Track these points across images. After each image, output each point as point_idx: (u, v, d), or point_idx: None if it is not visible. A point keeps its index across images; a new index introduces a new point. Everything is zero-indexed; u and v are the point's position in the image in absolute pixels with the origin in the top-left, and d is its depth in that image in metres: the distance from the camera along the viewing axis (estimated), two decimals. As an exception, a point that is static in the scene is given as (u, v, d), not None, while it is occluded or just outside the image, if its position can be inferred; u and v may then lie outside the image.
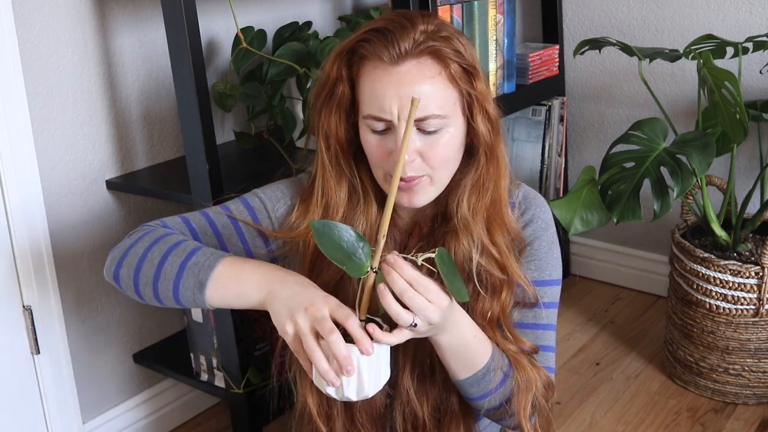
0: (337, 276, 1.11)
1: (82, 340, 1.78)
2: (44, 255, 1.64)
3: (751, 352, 1.93)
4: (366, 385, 0.93)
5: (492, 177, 1.10)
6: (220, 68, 1.93)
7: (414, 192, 1.06)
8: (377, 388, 0.95)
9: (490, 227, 1.11)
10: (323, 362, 0.90)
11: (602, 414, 1.96)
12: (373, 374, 0.93)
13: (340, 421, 1.14)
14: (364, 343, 0.90)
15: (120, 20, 1.74)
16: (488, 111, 1.07)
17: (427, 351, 1.11)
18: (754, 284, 1.86)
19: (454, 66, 1.03)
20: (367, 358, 0.91)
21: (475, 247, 1.09)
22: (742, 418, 1.93)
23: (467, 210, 1.09)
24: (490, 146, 1.08)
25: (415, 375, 1.13)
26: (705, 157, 1.67)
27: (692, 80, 2.25)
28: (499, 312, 1.12)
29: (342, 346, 0.89)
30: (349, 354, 0.90)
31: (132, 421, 1.90)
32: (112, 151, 1.77)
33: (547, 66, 2.35)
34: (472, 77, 1.05)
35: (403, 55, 1.01)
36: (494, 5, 2.09)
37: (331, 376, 0.90)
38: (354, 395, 0.93)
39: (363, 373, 0.92)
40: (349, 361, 0.89)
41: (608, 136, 2.46)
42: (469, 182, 1.10)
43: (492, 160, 1.09)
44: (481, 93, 1.06)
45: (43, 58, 1.62)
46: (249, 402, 1.68)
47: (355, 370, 0.91)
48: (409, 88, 1.00)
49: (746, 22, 2.15)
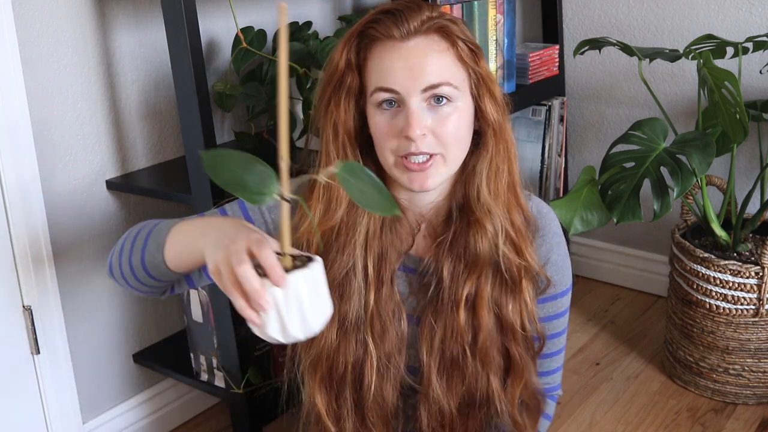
0: (343, 272, 1.11)
1: (82, 340, 1.78)
2: (44, 255, 1.64)
3: (751, 352, 1.93)
4: (309, 316, 0.85)
5: (504, 158, 1.10)
6: (220, 68, 1.93)
7: (427, 174, 1.05)
8: (319, 320, 0.86)
9: (509, 210, 1.12)
10: (239, 299, 0.83)
11: (602, 414, 1.96)
12: (314, 305, 0.85)
13: (350, 421, 1.14)
14: (273, 273, 0.81)
15: (120, 20, 1.74)
16: (494, 92, 1.09)
17: (456, 343, 1.11)
18: (754, 284, 1.86)
19: (461, 44, 1.05)
20: (285, 291, 0.83)
21: (501, 232, 1.10)
22: (742, 418, 1.93)
23: (488, 194, 1.10)
24: (498, 127, 1.09)
25: (441, 370, 1.13)
26: (705, 157, 1.68)
27: (692, 80, 2.25)
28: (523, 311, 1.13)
29: (252, 279, 0.82)
30: (260, 287, 0.82)
31: (132, 421, 1.90)
32: (112, 151, 1.77)
33: (547, 66, 2.35)
34: (478, 57, 1.07)
35: (412, 32, 1.03)
36: (494, 5, 2.09)
37: (248, 313, 0.83)
38: (299, 332, 0.85)
39: (281, 308, 0.83)
40: (261, 294, 0.82)
41: (608, 136, 2.46)
42: (485, 167, 1.10)
43: (501, 142, 1.10)
44: (486, 74, 1.08)
45: (43, 58, 1.62)
46: (249, 402, 1.68)
47: (271, 305, 0.83)
48: (418, 60, 1.02)
49: (746, 22, 2.15)
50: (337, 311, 1.10)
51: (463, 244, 1.10)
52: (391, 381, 1.13)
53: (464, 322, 1.10)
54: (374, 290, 1.11)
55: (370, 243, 1.10)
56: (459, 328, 1.10)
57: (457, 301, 1.10)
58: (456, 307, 1.10)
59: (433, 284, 1.12)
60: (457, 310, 1.10)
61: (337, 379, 1.13)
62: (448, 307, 1.11)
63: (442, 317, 1.11)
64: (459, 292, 1.10)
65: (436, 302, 1.12)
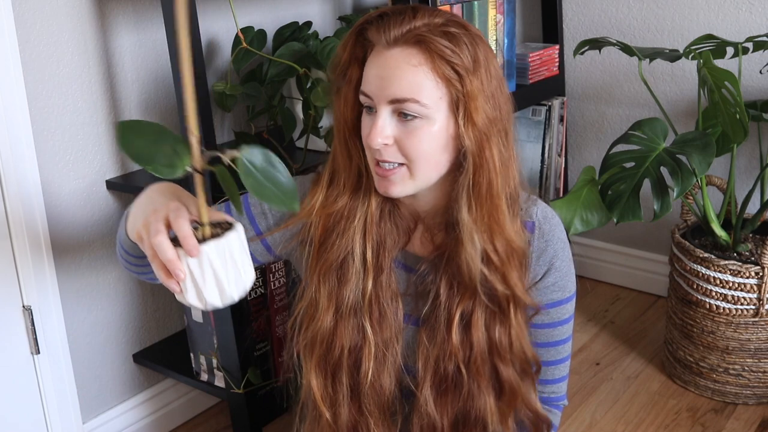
0: (341, 256, 1.11)
1: (82, 340, 1.78)
2: (44, 255, 1.64)
3: (751, 352, 1.93)
4: (225, 284, 0.87)
5: (483, 183, 1.05)
6: (220, 68, 1.93)
7: (390, 181, 1.05)
8: (234, 291, 0.89)
9: (492, 236, 1.08)
10: (158, 268, 0.88)
11: (602, 414, 1.96)
12: (212, 277, 0.87)
13: (345, 406, 1.14)
14: (185, 244, 0.85)
15: (120, 20, 1.74)
16: (473, 115, 1.02)
17: (450, 362, 1.11)
18: (754, 284, 1.86)
19: (440, 62, 1.00)
20: (199, 261, 0.86)
21: (482, 258, 1.07)
22: (742, 418, 1.93)
23: (468, 219, 1.06)
24: (476, 152, 1.03)
25: (435, 386, 1.13)
26: (705, 157, 1.67)
27: (692, 80, 2.25)
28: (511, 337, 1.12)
29: (166, 249, 0.85)
30: (174, 257, 0.86)
31: (132, 421, 1.90)
32: (112, 151, 1.77)
33: (547, 66, 2.35)
34: (462, 78, 1.01)
35: (391, 42, 1.01)
36: (494, 5, 2.09)
37: (168, 282, 0.88)
38: (216, 299, 0.88)
39: (197, 277, 0.87)
40: (175, 264, 0.85)
41: (608, 136, 2.46)
42: (463, 189, 1.06)
43: (481, 167, 1.04)
44: (470, 95, 1.01)
45: (43, 58, 1.62)
46: (249, 402, 1.68)
47: (186, 273, 0.86)
48: (390, 71, 1.01)
49: (746, 22, 2.15)
50: (335, 294, 1.12)
51: (456, 262, 1.09)
52: (389, 369, 1.13)
53: (457, 341, 1.10)
54: (372, 276, 1.11)
55: (369, 229, 1.11)
56: (453, 346, 1.10)
57: (450, 320, 1.10)
58: (449, 325, 1.10)
59: (430, 298, 1.12)
60: (450, 328, 1.10)
61: (334, 362, 1.13)
62: (443, 325, 1.11)
63: (438, 334, 1.11)
64: (453, 311, 1.10)
65: (432, 319, 1.12)
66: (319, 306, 1.12)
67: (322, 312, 1.12)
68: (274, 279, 1.71)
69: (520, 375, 1.15)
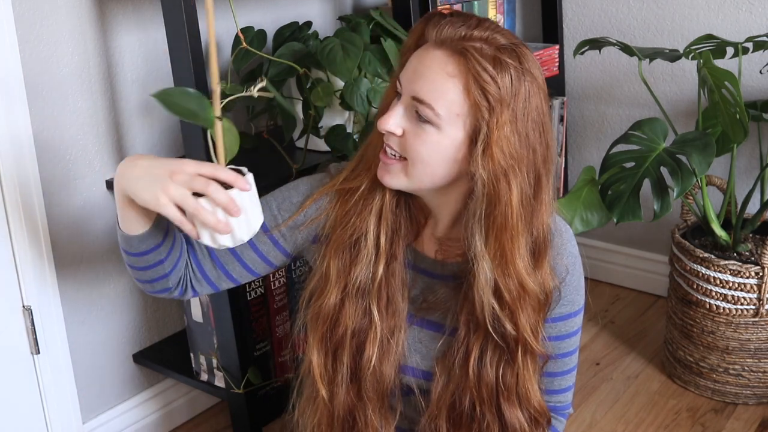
0: (355, 235, 1.11)
1: (82, 340, 1.78)
2: (44, 255, 1.64)
3: (751, 352, 1.93)
4: (252, 220, 1.00)
5: (497, 217, 1.01)
6: (220, 68, 1.93)
7: (386, 170, 1.06)
8: (260, 220, 1.02)
9: (504, 272, 1.04)
10: (211, 216, 0.95)
11: (602, 414, 1.96)
12: (255, 209, 1.00)
13: (344, 387, 1.13)
14: (239, 182, 0.97)
15: (120, 20, 1.74)
16: (492, 147, 0.98)
17: (465, 397, 1.11)
18: (754, 284, 1.86)
19: (473, 83, 0.97)
20: (247, 195, 0.98)
21: (490, 287, 1.05)
22: (742, 418, 1.93)
23: (480, 243, 1.03)
24: (489, 184, 1.00)
25: (450, 420, 1.13)
26: (705, 157, 1.67)
27: (692, 80, 2.25)
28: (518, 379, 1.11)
29: (224, 193, 0.95)
30: (232, 197, 0.96)
31: (132, 421, 1.90)
32: (112, 150, 1.77)
33: (547, 66, 2.35)
34: (492, 108, 0.97)
35: (439, 43, 1.00)
36: (494, 5, 2.09)
37: (223, 225, 0.96)
38: (246, 235, 1.00)
39: (248, 210, 0.98)
40: (233, 203, 0.95)
41: (608, 136, 2.46)
42: (476, 215, 1.03)
43: (495, 200, 1.01)
44: (496, 125, 0.98)
45: (43, 58, 1.62)
46: (249, 402, 1.68)
47: (242, 209, 0.97)
48: (423, 69, 1.01)
49: (746, 22, 2.15)
50: (345, 272, 1.12)
51: (471, 295, 1.07)
52: (391, 358, 1.13)
53: (474, 378, 1.10)
54: (384, 262, 1.11)
55: (385, 215, 1.11)
56: (469, 382, 1.11)
57: (468, 357, 1.10)
58: (467, 361, 1.10)
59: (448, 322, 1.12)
60: (467, 364, 1.10)
61: (336, 341, 1.13)
62: (461, 360, 1.11)
63: (455, 369, 1.11)
64: (471, 348, 1.10)
65: (451, 352, 1.12)
66: (329, 281, 1.13)
67: (331, 287, 1.12)
68: (274, 279, 1.71)
69: (529, 423, 1.13)
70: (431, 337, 1.15)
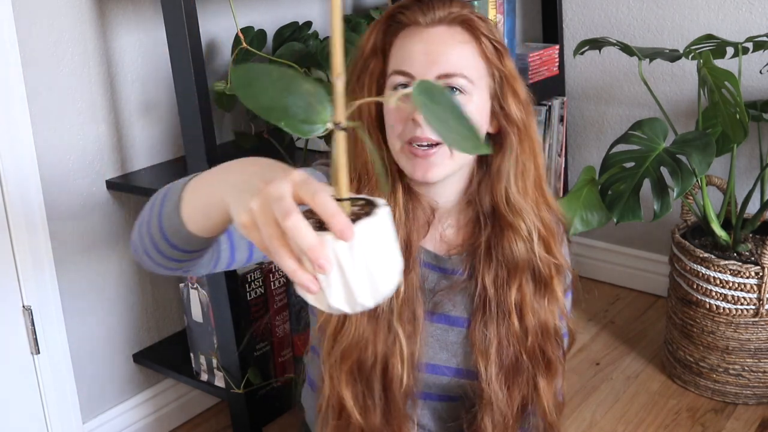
0: None
1: (82, 340, 1.78)
2: (44, 255, 1.64)
3: (751, 352, 1.93)
4: (379, 280, 0.66)
5: (530, 156, 1.10)
6: (220, 68, 1.93)
7: (431, 164, 1.03)
8: (390, 284, 0.67)
9: (538, 208, 1.11)
10: (287, 259, 0.64)
11: (602, 414, 1.96)
12: (365, 267, 0.65)
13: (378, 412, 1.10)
14: (337, 223, 0.62)
15: (120, 20, 1.74)
16: (518, 91, 1.08)
17: (510, 349, 1.11)
18: (754, 284, 1.86)
19: (484, 40, 1.05)
20: (350, 246, 0.63)
21: (534, 231, 1.09)
22: (742, 418, 1.93)
23: (518, 194, 1.09)
24: (523, 125, 1.09)
25: (504, 380, 1.12)
26: (705, 157, 1.68)
27: (692, 80, 2.25)
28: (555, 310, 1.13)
29: (306, 232, 0.62)
30: (318, 242, 0.63)
31: (132, 421, 1.90)
32: (112, 151, 1.77)
33: (547, 66, 2.35)
34: (502, 56, 1.07)
35: (437, 21, 1.04)
36: (494, 5, 2.09)
37: (302, 277, 0.64)
38: (368, 298, 0.66)
39: (347, 268, 0.64)
40: (319, 252, 0.62)
41: (608, 136, 2.46)
42: (511, 167, 1.09)
43: (526, 140, 1.09)
44: (510, 73, 1.08)
45: (43, 58, 1.61)
46: (249, 402, 1.68)
47: (333, 264, 0.64)
48: (438, 47, 1.03)
49: (746, 22, 2.15)
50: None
51: (500, 250, 1.09)
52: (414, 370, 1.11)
53: (517, 327, 1.11)
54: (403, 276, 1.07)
55: (398, 226, 1.08)
56: (515, 334, 1.10)
57: (508, 310, 1.10)
58: (509, 315, 1.10)
59: (473, 289, 1.12)
60: (510, 318, 1.10)
61: (366, 371, 1.09)
62: (499, 316, 1.10)
63: (494, 326, 1.11)
64: (508, 301, 1.10)
65: (484, 312, 1.11)
66: (350, 320, 1.08)
67: (356, 319, 1.07)
68: (274, 279, 1.71)
69: (559, 350, 1.16)
70: (446, 330, 1.14)
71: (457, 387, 1.15)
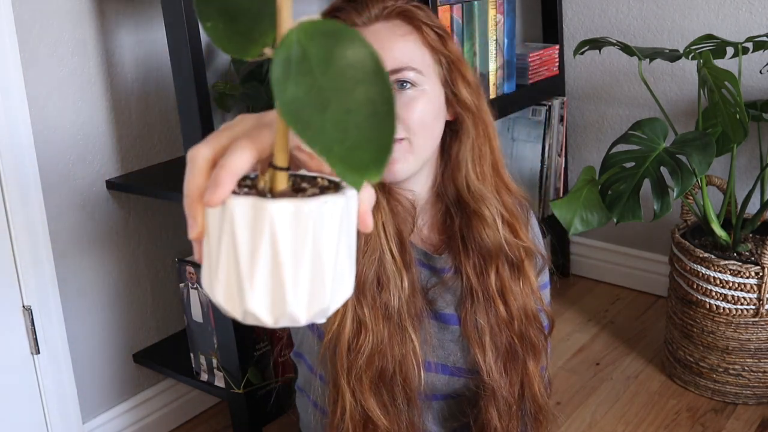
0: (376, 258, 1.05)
1: (82, 340, 1.78)
2: (44, 255, 1.64)
3: (751, 352, 1.93)
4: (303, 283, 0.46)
5: (484, 140, 1.10)
6: (220, 68, 1.93)
7: (393, 159, 1.02)
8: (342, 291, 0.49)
9: (499, 192, 1.11)
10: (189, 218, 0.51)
11: (602, 414, 1.96)
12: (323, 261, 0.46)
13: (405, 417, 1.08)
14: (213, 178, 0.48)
15: (120, 20, 1.74)
16: (466, 75, 1.08)
17: (502, 336, 1.12)
18: (754, 284, 1.86)
19: (425, 29, 1.04)
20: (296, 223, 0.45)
21: (497, 217, 1.09)
22: (742, 418, 1.93)
23: (477, 180, 1.09)
24: (476, 109, 1.08)
25: (503, 367, 1.12)
26: (705, 157, 1.68)
27: (692, 80, 2.25)
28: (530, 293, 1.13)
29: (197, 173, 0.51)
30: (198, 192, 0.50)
31: (132, 421, 1.90)
32: (112, 151, 1.77)
33: (547, 66, 2.35)
34: (445, 42, 1.06)
35: (373, 18, 1.03)
36: (494, 5, 2.09)
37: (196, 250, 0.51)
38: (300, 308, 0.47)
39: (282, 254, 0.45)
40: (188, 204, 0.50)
41: (608, 136, 2.46)
42: (468, 153, 1.09)
43: (480, 124, 1.09)
44: (457, 57, 1.07)
45: (43, 59, 1.62)
46: (249, 402, 1.68)
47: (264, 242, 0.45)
48: (379, 44, 1.01)
49: (746, 22, 2.15)
50: (380, 303, 1.04)
51: (472, 239, 1.10)
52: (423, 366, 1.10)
53: (503, 312, 1.11)
54: (404, 275, 1.06)
55: (387, 228, 1.07)
56: (504, 320, 1.11)
57: (492, 297, 1.11)
58: (493, 302, 1.11)
59: (460, 284, 1.12)
60: (495, 304, 1.11)
61: (388, 376, 1.06)
62: (485, 304, 1.11)
63: (483, 314, 1.11)
64: (491, 288, 1.10)
65: (471, 301, 1.11)
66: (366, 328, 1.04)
67: (372, 329, 1.04)
68: (274, 279, 1.71)
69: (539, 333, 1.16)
70: (442, 328, 1.13)
71: (459, 384, 1.15)
